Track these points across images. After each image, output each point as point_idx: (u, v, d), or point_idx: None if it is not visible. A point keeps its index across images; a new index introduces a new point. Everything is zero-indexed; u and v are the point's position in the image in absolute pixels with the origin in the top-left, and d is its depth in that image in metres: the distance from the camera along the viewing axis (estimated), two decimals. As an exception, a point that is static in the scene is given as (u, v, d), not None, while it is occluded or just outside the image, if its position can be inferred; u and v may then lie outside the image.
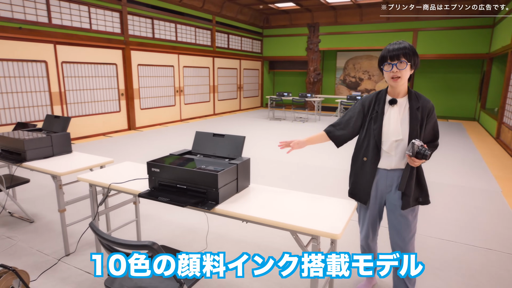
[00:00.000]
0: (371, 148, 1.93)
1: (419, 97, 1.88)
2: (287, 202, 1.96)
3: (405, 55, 1.75)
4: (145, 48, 8.63)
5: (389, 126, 1.88)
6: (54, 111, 6.76)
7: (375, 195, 1.99)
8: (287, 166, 5.34)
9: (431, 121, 1.89)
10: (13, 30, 5.90)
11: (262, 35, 14.16)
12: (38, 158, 2.81)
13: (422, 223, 3.33)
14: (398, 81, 1.80)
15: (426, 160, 1.75)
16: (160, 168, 2.02)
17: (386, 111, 1.91)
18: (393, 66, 1.78)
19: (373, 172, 1.95)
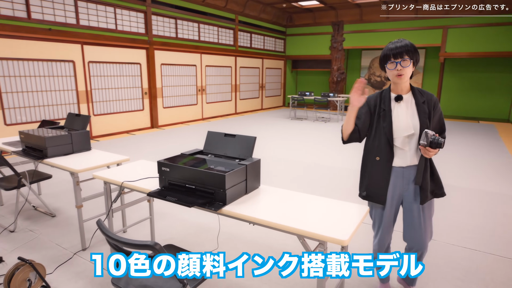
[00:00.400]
0: (383, 146, 1.93)
1: (422, 92, 1.93)
2: (296, 204, 1.91)
3: (407, 52, 1.80)
4: (168, 48, 8.77)
5: (399, 122, 1.90)
6: (81, 109, 7.01)
7: (391, 196, 1.97)
8: (303, 166, 5.26)
9: (437, 114, 1.93)
10: (43, 32, 6.16)
11: (285, 34, 14.07)
12: (59, 155, 2.91)
13: (444, 229, 3.18)
14: (402, 78, 1.84)
15: (440, 148, 1.75)
16: (170, 168, 2.03)
17: (393, 108, 1.93)
18: (397, 64, 1.82)
19: (388, 170, 1.94)
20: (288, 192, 2.11)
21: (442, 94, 11.88)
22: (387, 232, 2.06)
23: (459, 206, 3.76)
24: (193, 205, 1.82)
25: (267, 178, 4.66)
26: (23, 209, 3.53)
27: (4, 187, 3.00)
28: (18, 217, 3.33)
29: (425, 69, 12.15)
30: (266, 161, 5.53)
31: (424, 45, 11.38)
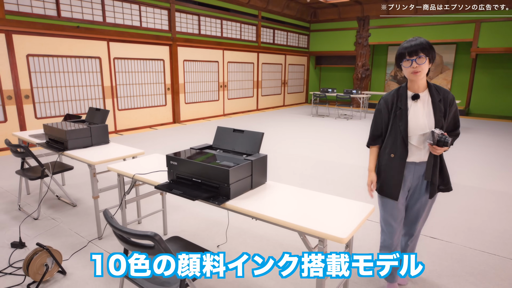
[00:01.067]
0: (398, 144, 1.98)
1: (439, 89, 1.95)
2: (301, 201, 1.91)
3: (422, 50, 1.83)
4: (191, 44, 8.90)
5: (415, 121, 1.94)
6: (106, 104, 7.26)
7: (405, 190, 2.05)
8: (322, 164, 5.20)
9: (452, 111, 1.96)
10: (71, 29, 6.42)
11: (309, 29, 13.90)
12: (79, 148, 3.04)
13: (463, 232, 3.06)
14: (418, 75, 1.87)
15: (447, 147, 1.83)
16: (178, 162, 2.08)
17: (409, 106, 1.96)
18: (413, 61, 1.85)
19: (402, 167, 1.99)
20: (294, 189, 2.10)
21: (473, 92, 11.35)
22: (398, 225, 2.09)
23: (481, 209, 3.60)
24: (197, 198, 1.86)
25: (282, 174, 4.65)
26: (47, 198, 3.72)
27: (29, 177, 3.17)
28: (42, 206, 3.51)
29: (455, 66, 11.65)
30: (283, 157, 5.52)
31: (454, 40, 10.90)
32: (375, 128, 2.10)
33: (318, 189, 4.11)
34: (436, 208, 3.59)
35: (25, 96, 6.02)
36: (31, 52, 6.01)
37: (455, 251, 2.75)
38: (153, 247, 1.48)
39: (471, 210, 3.58)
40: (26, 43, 5.93)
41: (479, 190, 4.18)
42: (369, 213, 1.78)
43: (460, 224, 3.24)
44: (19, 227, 2.98)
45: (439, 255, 2.69)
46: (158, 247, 1.47)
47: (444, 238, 2.97)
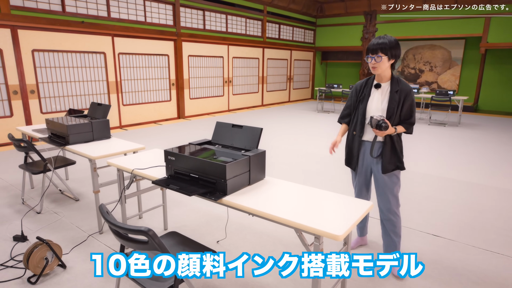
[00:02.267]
0: (358, 124, 2.36)
1: (399, 82, 2.25)
2: (298, 197, 1.89)
3: (382, 50, 2.14)
4: (196, 40, 8.88)
5: (371, 105, 2.31)
6: (111, 99, 7.29)
7: (362, 163, 2.43)
8: (323, 160, 5.17)
9: (408, 102, 2.23)
10: (76, 24, 6.43)
11: (315, 24, 13.77)
12: (80, 142, 3.05)
13: (465, 230, 3.01)
14: (376, 70, 2.21)
15: (382, 130, 2.14)
16: (175, 157, 2.07)
17: (372, 93, 2.33)
18: (372, 58, 2.18)
19: (359, 143, 2.39)
20: (292, 185, 2.08)
21: (482, 88, 11.17)
22: (359, 195, 2.52)
23: (486, 206, 3.55)
24: (193, 194, 1.84)
25: (285, 170, 4.63)
26: (51, 193, 3.75)
27: (31, 171, 3.20)
28: (45, 200, 3.54)
29: (464, 61, 11.46)
30: (287, 153, 5.50)
31: (463, 35, 10.71)
32: (345, 107, 2.52)
33: (321, 185, 4.08)
34: (439, 205, 3.55)
35: (30, 91, 6.06)
36: (36, 47, 6.05)
37: (458, 249, 2.71)
38: (147, 242, 1.48)
39: (476, 208, 3.52)
40: (31, 38, 5.96)
41: (486, 187, 4.11)
42: (367, 209, 1.76)
43: (464, 222, 3.19)
44: (21, 220, 3.01)
45: (441, 253, 2.66)
46: (151, 242, 1.46)
47: (447, 235, 2.93)
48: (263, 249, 2.67)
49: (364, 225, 2.71)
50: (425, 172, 4.68)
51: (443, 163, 5.13)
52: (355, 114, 2.40)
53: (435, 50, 11.93)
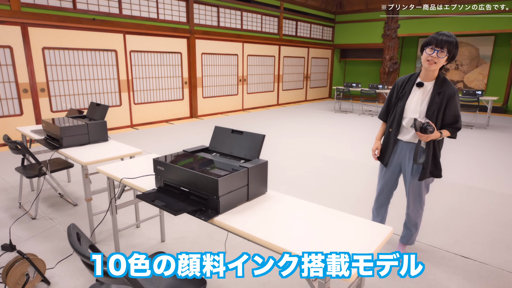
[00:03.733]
0: (395, 121, 2.31)
1: (444, 84, 2.12)
2: (303, 219, 1.60)
3: (448, 46, 2.01)
4: (209, 37, 8.66)
5: (410, 105, 2.21)
6: (122, 98, 7.17)
7: (392, 161, 2.40)
8: (339, 164, 4.83)
9: (451, 106, 2.11)
10: (87, 21, 6.32)
11: (334, 21, 13.33)
12: (75, 145, 2.86)
13: (499, 251, 2.64)
14: (433, 65, 2.06)
15: (432, 134, 2.03)
16: (165, 167, 1.82)
17: (412, 91, 2.22)
18: (436, 51, 2.04)
19: (394, 141, 2.35)
20: (297, 202, 1.80)
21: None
22: (382, 191, 2.53)
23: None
24: (180, 212, 1.59)
25: (298, 174, 4.32)
26: (50, 196, 3.60)
27: (26, 175, 3.04)
28: (43, 204, 3.39)
29: (493, 59, 10.77)
30: (301, 155, 5.19)
31: (493, 31, 10.05)
32: (386, 104, 2.43)
33: (335, 191, 3.76)
34: (468, 220, 3.17)
35: (40, 89, 6.00)
36: (47, 45, 5.97)
37: (491, 274, 2.36)
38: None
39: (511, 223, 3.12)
40: (42, 36, 5.88)
41: None
42: (385, 238, 1.45)
43: (499, 241, 2.82)
44: (9, 228, 2.84)
45: (471, 278, 2.31)
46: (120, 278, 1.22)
47: (478, 258, 2.57)
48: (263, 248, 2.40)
49: (382, 219, 2.67)
50: (450, 180, 4.28)
51: (470, 170, 4.70)
52: (393, 110, 2.35)
53: (462, 47, 11.28)
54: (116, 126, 7.18)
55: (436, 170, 2.23)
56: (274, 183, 4.08)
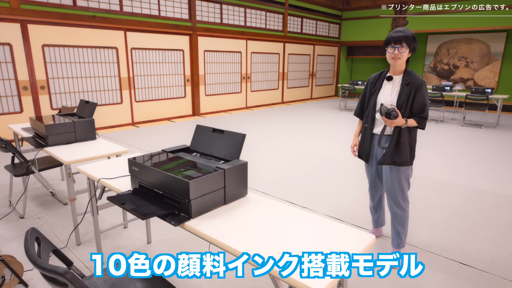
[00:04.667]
0: (369, 116, 2.39)
1: (412, 76, 2.23)
2: (282, 225, 1.50)
3: (406, 40, 2.14)
4: (212, 34, 8.57)
5: (381, 98, 2.30)
6: (123, 96, 7.14)
7: (373, 155, 2.45)
8: (340, 163, 4.70)
9: (419, 95, 2.20)
10: (87, 19, 6.29)
11: (340, 18, 13.11)
12: (61, 144, 2.80)
13: (500, 259, 2.49)
14: (398, 61, 2.19)
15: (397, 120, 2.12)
16: (139, 168, 1.73)
17: (383, 86, 2.33)
18: (395, 49, 2.16)
19: (370, 136, 2.41)
20: (278, 205, 1.69)
21: (524, 85, 10.13)
22: (373, 187, 2.58)
23: None
24: (148, 216, 1.50)
25: (295, 174, 4.21)
26: (41, 195, 3.56)
27: (14, 173, 3.00)
28: (33, 203, 3.35)
29: (505, 56, 10.46)
30: (299, 154, 5.07)
31: (505, 28, 9.74)
32: (361, 101, 2.52)
33: (331, 192, 3.64)
34: (471, 224, 3.02)
35: (40, 86, 5.99)
36: (47, 42, 5.95)
37: (491, 284, 2.22)
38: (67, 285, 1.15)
39: None
40: (42, 33, 5.87)
41: None
42: (366, 247, 1.34)
43: (501, 246, 2.67)
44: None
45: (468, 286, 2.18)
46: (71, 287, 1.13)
47: (478, 265, 2.43)
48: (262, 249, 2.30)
49: (379, 217, 2.69)
50: (456, 181, 4.12)
51: (477, 171, 4.52)
52: (366, 107, 2.43)
53: (472, 44, 10.98)
54: (117, 124, 7.15)
55: (398, 157, 2.25)
56: (269, 183, 3.97)
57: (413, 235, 2.81)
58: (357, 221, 3.05)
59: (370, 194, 2.64)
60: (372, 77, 2.42)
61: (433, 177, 4.26)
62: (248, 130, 6.92)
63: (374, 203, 2.65)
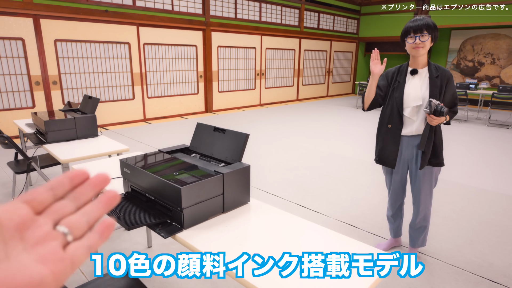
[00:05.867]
0: (394, 115, 2.13)
1: (438, 68, 2.04)
2: (286, 238, 1.31)
3: (427, 28, 1.95)
4: (226, 29, 8.40)
5: (409, 93, 2.07)
6: (135, 92, 7.06)
7: (399, 161, 2.19)
8: (354, 164, 4.45)
9: (450, 89, 2.02)
10: (100, 13, 6.22)
11: (359, 13, 12.71)
12: (61, 140, 2.69)
13: None
14: (420, 50, 1.98)
15: (443, 118, 1.90)
16: (131, 170, 1.57)
17: (407, 80, 2.10)
18: (416, 38, 1.96)
19: (398, 137, 2.15)
20: (282, 215, 1.50)
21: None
22: (395, 195, 2.34)
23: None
24: (134, 226, 1.33)
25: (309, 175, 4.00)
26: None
27: (15, 170, 2.91)
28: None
29: (534, 52, 9.86)
30: (313, 154, 4.85)
31: (535, 22, 9.17)
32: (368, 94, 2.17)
33: (346, 196, 3.41)
34: (501, 236, 2.74)
35: (53, 82, 5.96)
36: (59, 37, 5.92)
37: None
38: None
39: None
40: (54, 28, 5.83)
41: None
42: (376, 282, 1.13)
43: None
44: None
45: (501, 311, 1.92)
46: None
47: (510, 284, 2.17)
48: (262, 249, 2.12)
49: (398, 226, 2.47)
50: (483, 186, 3.81)
51: (506, 176, 4.19)
52: (387, 105, 2.17)
53: (499, 40, 10.41)
54: (128, 120, 7.09)
55: (434, 156, 2.09)
56: (281, 184, 3.78)
57: (435, 246, 2.56)
58: (374, 229, 2.82)
59: (390, 203, 2.41)
60: (390, 72, 2.19)
61: (458, 180, 3.96)
62: (261, 127, 6.73)
63: (394, 211, 2.43)
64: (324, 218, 3.00)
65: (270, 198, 3.40)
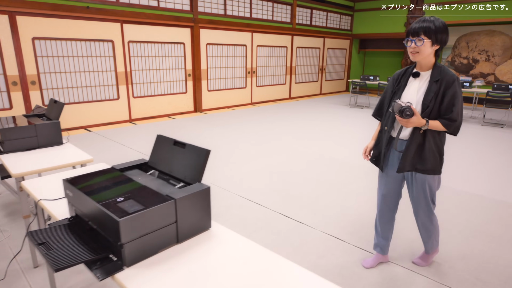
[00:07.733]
0: (391, 118, 2.05)
1: (443, 71, 1.90)
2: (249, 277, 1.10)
3: (426, 32, 1.82)
4: (215, 26, 8.15)
5: (405, 96, 1.99)
6: (120, 91, 6.81)
7: (390, 165, 2.10)
8: (344, 167, 4.26)
9: (450, 93, 1.86)
10: (81, 10, 5.95)
11: (353, 9, 12.49)
12: (20, 150, 2.46)
13: None
14: (416, 56, 1.88)
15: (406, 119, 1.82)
16: (73, 192, 1.36)
17: (408, 83, 2.01)
18: (412, 42, 1.87)
19: (388, 139, 2.06)
20: (247, 245, 1.29)
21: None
22: (384, 200, 2.19)
23: None
24: (63, 267, 1.11)
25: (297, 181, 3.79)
26: (14, 203, 3.25)
27: (-26, 181, 2.68)
28: (3, 211, 3.04)
29: (529, 49, 9.71)
30: (302, 157, 4.65)
31: (531, 18, 9.01)
32: (381, 100, 2.18)
33: (335, 204, 3.21)
34: (496, 249, 2.56)
35: (31, 82, 5.70)
36: (37, 35, 5.65)
37: None
38: None
39: (551, 255, 2.49)
40: (32, 25, 5.56)
41: (561, 220, 3.02)
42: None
43: None
44: None
45: None
46: None
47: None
48: None
49: (386, 244, 2.30)
50: (477, 191, 3.64)
51: (502, 180, 4.02)
52: (387, 107, 2.11)
53: (494, 37, 10.25)
54: (113, 121, 6.84)
55: (420, 164, 1.96)
56: (265, 190, 3.57)
57: (427, 262, 2.37)
58: (362, 242, 2.63)
59: (380, 209, 2.24)
60: (397, 74, 2.11)
61: (450, 185, 3.78)
62: (251, 128, 6.52)
63: (383, 219, 2.25)
64: (308, 230, 2.80)
65: (252, 207, 3.20)
